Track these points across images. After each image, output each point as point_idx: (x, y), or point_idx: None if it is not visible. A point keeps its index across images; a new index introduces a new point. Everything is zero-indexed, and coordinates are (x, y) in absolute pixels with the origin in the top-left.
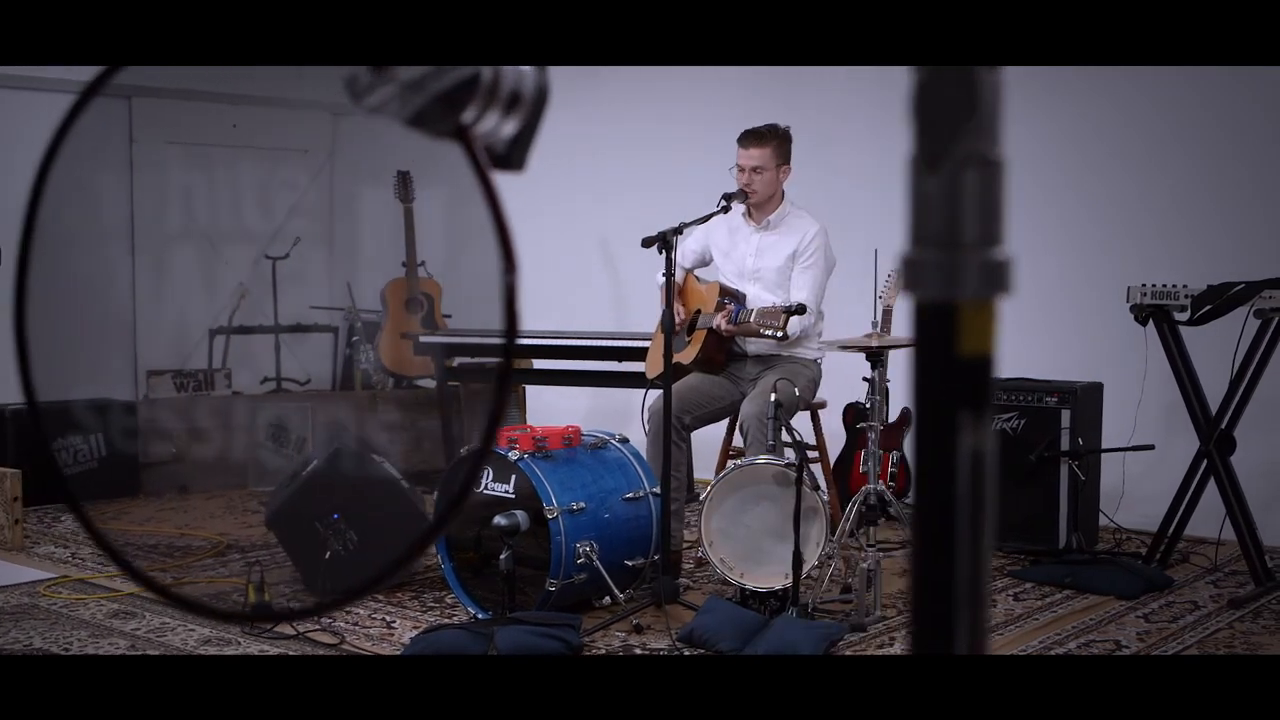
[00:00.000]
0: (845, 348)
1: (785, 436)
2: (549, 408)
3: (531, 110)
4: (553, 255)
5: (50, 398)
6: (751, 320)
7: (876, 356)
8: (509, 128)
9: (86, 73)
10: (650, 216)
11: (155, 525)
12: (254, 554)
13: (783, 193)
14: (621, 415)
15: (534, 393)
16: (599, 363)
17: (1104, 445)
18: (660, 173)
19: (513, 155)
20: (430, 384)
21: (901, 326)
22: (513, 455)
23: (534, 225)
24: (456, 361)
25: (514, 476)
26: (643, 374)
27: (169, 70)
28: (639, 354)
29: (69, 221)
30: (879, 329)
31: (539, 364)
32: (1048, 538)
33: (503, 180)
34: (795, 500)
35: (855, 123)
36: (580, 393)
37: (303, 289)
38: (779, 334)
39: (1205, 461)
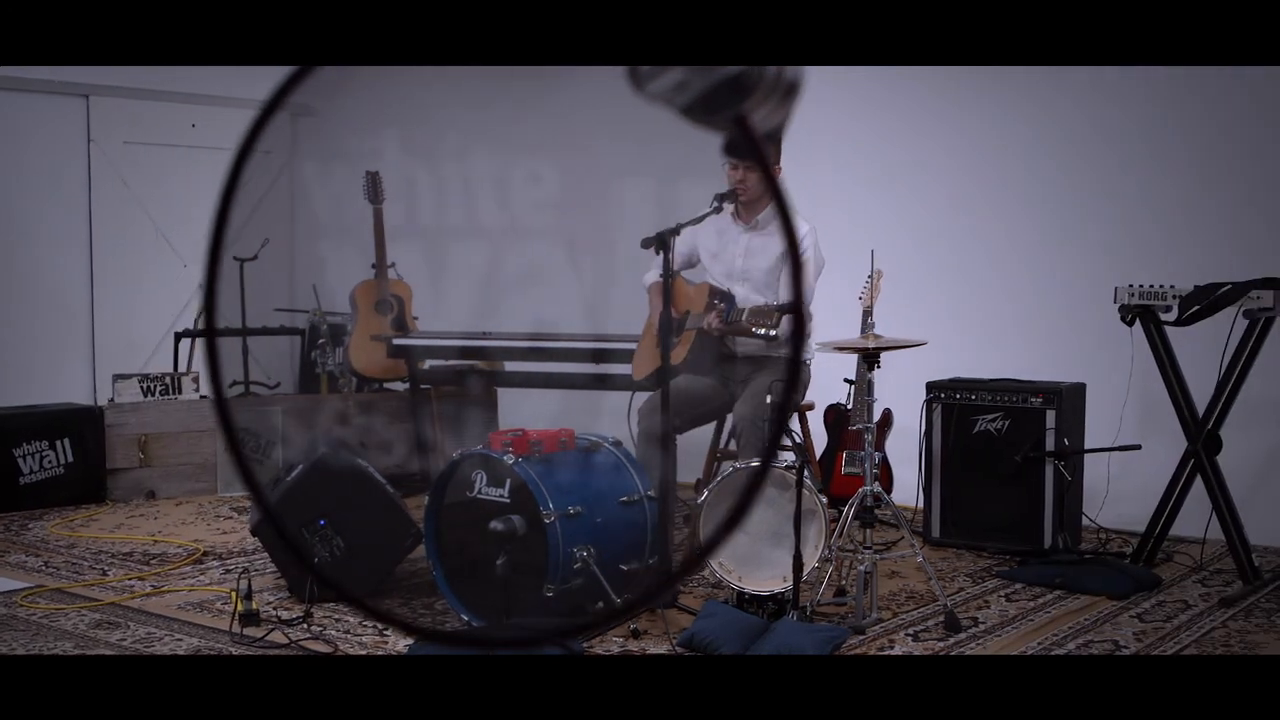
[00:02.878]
0: (841, 349)
1: (784, 439)
2: (517, 411)
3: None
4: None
5: (12, 403)
6: (744, 320)
7: (873, 358)
8: (776, 119)
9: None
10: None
11: (126, 532)
12: (232, 561)
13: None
14: (590, 416)
15: (503, 395)
16: (570, 365)
17: (1086, 446)
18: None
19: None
20: (398, 387)
21: (883, 327)
22: (508, 459)
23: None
24: (428, 364)
25: (509, 480)
26: (614, 376)
27: (127, 69)
28: (608, 356)
29: (24, 222)
30: (873, 330)
31: (510, 366)
32: (1033, 538)
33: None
34: (795, 503)
35: (849, 123)
36: (546, 395)
37: (266, 291)
38: (772, 333)
39: (1191, 461)
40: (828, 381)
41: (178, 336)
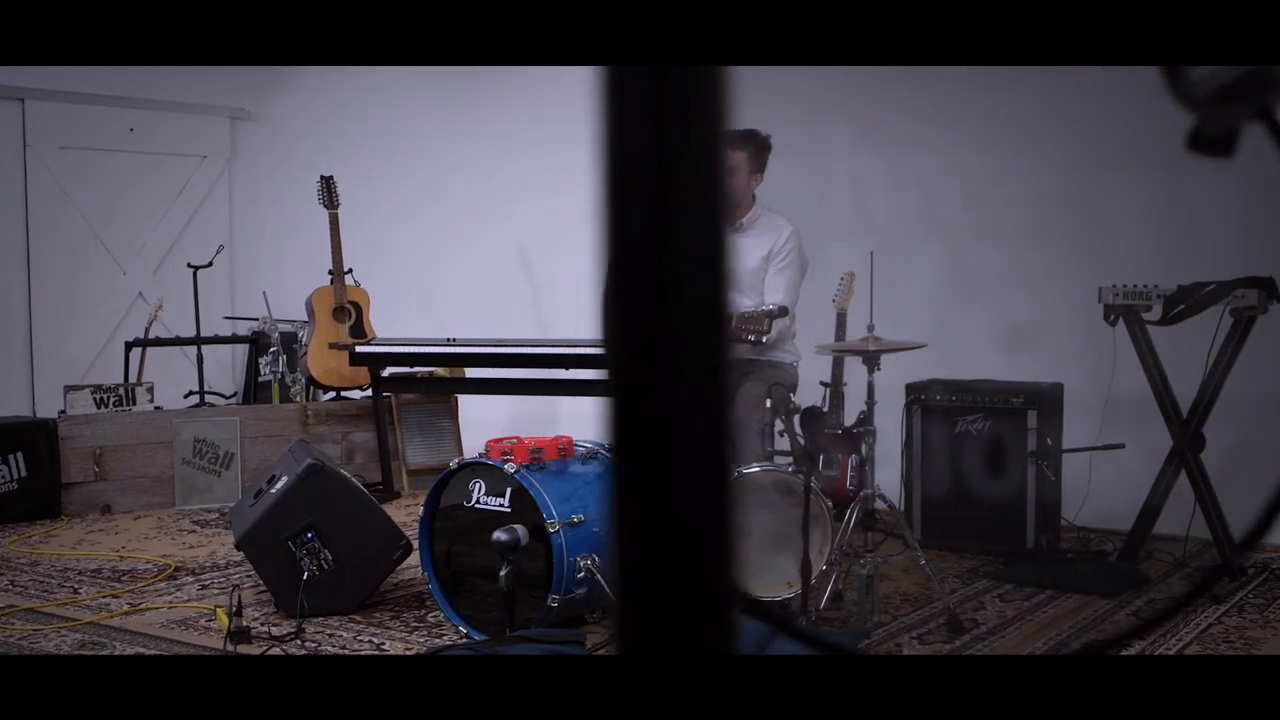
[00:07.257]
0: (838, 350)
1: (788, 443)
2: (473, 418)
3: None
4: (468, 262)
5: None
6: (734, 326)
7: (873, 360)
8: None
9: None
10: (569, 221)
11: (89, 548)
12: (207, 576)
13: (754, 195)
14: (547, 422)
15: (462, 401)
16: (534, 371)
17: (1064, 446)
18: (579, 176)
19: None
20: (356, 395)
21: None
22: (509, 467)
23: (450, 232)
24: (387, 371)
25: (509, 489)
26: (573, 381)
27: (63, 72)
28: (570, 360)
29: None
30: (871, 332)
31: (471, 373)
32: (1015, 538)
33: (420, 188)
34: (804, 508)
35: (842, 125)
36: (501, 401)
37: (212, 298)
38: (763, 339)
39: (1176, 459)
40: (803, 384)
41: (128, 346)
